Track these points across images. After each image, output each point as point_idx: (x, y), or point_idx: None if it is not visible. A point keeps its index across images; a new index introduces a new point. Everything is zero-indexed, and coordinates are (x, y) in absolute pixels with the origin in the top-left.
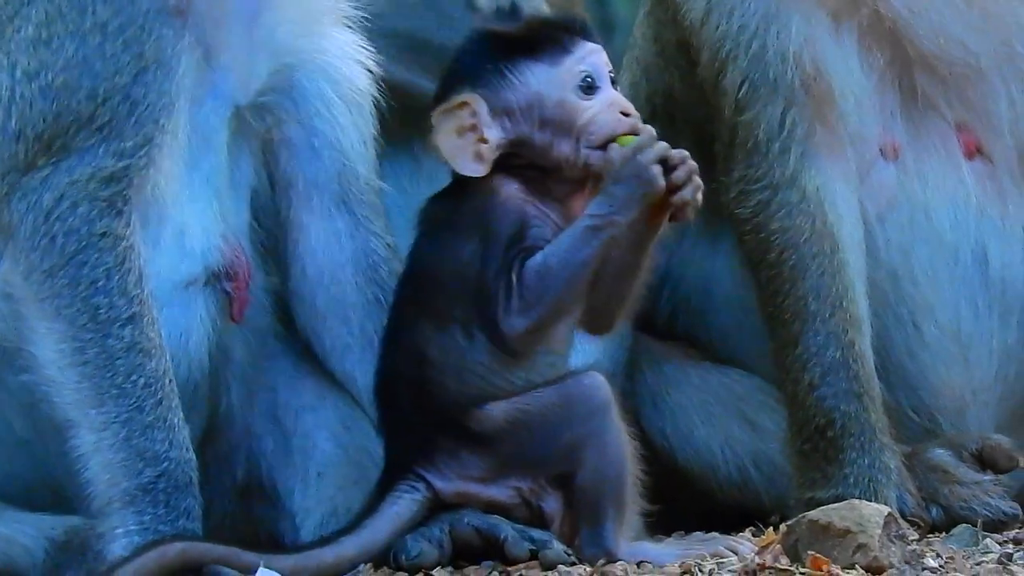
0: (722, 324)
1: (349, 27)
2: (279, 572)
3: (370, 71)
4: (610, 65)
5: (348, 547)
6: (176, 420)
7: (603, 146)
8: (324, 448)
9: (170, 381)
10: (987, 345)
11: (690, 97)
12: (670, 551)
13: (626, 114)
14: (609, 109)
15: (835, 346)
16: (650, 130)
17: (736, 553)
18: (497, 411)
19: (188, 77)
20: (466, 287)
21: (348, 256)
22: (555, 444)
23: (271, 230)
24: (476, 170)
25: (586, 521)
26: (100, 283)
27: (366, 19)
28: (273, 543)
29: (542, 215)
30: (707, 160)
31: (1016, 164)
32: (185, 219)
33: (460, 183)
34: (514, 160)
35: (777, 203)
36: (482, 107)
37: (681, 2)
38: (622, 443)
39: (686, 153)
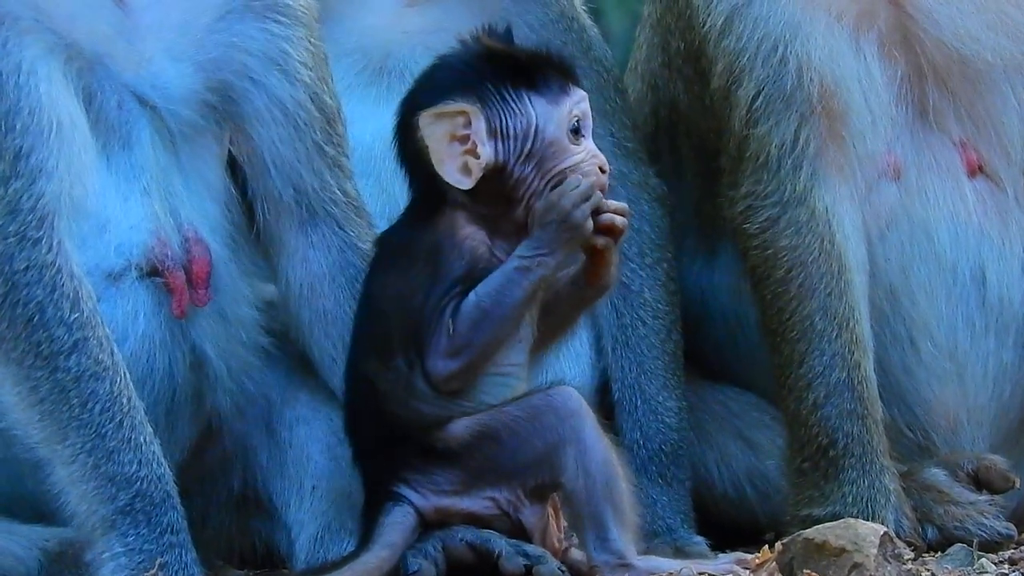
0: (718, 338)
1: (280, 22)
2: None
3: (303, 79)
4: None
5: (374, 558)
6: (142, 437)
7: None
8: (318, 461)
9: (129, 399)
10: (983, 364)
11: (695, 108)
12: (683, 563)
13: (602, 170)
14: (592, 160)
15: (841, 367)
16: (586, 179)
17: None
18: (460, 427)
19: (48, 81)
20: (406, 318)
21: (325, 269)
22: (527, 454)
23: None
24: (462, 182)
25: (590, 527)
26: (35, 319)
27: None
28: (269, 556)
29: (494, 260)
30: (710, 174)
31: (1022, 181)
32: (108, 215)
33: (418, 212)
34: (482, 186)
35: (786, 220)
36: (480, 123)
37: (699, 9)
38: (604, 449)
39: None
